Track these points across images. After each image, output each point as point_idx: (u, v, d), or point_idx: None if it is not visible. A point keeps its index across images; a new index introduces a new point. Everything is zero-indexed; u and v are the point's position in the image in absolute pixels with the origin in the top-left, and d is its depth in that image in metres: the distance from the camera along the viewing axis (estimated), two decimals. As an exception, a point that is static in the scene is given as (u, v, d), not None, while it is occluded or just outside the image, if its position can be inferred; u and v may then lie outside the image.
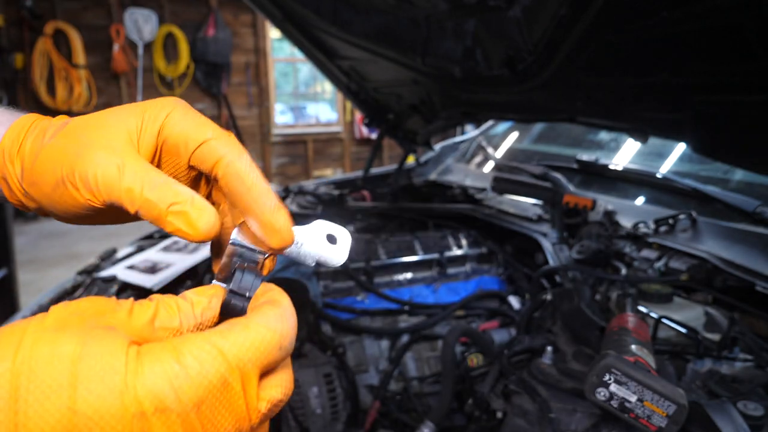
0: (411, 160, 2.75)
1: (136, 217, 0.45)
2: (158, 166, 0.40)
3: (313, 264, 0.42)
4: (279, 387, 0.35)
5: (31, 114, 0.43)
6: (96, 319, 0.30)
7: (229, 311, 0.36)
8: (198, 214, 0.35)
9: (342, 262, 0.42)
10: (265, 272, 0.40)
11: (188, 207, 0.36)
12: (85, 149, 0.36)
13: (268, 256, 0.40)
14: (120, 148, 0.36)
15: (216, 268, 0.42)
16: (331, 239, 0.43)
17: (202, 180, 0.44)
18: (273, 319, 0.34)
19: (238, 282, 0.37)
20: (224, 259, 0.40)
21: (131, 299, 0.33)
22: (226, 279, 0.39)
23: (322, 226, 0.43)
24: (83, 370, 0.27)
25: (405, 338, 1.65)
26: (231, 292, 0.37)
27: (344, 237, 0.43)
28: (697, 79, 1.11)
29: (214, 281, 0.39)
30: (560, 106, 1.58)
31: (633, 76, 1.24)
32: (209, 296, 0.36)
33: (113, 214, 0.43)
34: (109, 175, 0.35)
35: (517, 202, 1.97)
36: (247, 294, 0.37)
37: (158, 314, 0.33)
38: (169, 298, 0.34)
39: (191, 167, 0.40)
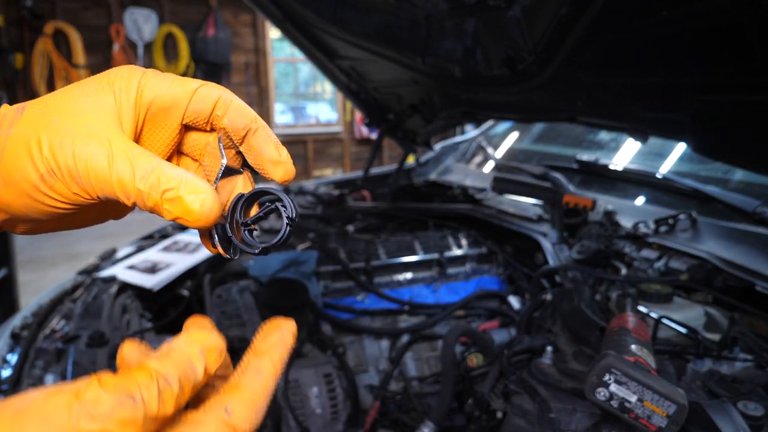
0: (411, 160, 2.75)
1: (112, 215, 0.43)
2: (141, 137, 0.38)
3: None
4: None
5: None
6: None
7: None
8: (193, 198, 0.33)
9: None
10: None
11: (182, 191, 0.33)
12: (68, 139, 0.33)
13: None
14: (105, 133, 0.34)
15: (207, 245, 0.41)
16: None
17: (173, 158, 0.42)
18: (272, 383, 0.35)
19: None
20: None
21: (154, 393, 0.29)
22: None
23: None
24: None
25: (405, 338, 1.65)
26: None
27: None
28: (697, 79, 1.11)
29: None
30: (560, 106, 1.58)
31: (633, 76, 1.24)
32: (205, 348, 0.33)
33: (94, 213, 0.41)
34: (100, 168, 0.33)
35: (517, 202, 1.97)
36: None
37: (170, 398, 0.30)
38: (168, 367, 0.30)
39: (186, 126, 0.39)
